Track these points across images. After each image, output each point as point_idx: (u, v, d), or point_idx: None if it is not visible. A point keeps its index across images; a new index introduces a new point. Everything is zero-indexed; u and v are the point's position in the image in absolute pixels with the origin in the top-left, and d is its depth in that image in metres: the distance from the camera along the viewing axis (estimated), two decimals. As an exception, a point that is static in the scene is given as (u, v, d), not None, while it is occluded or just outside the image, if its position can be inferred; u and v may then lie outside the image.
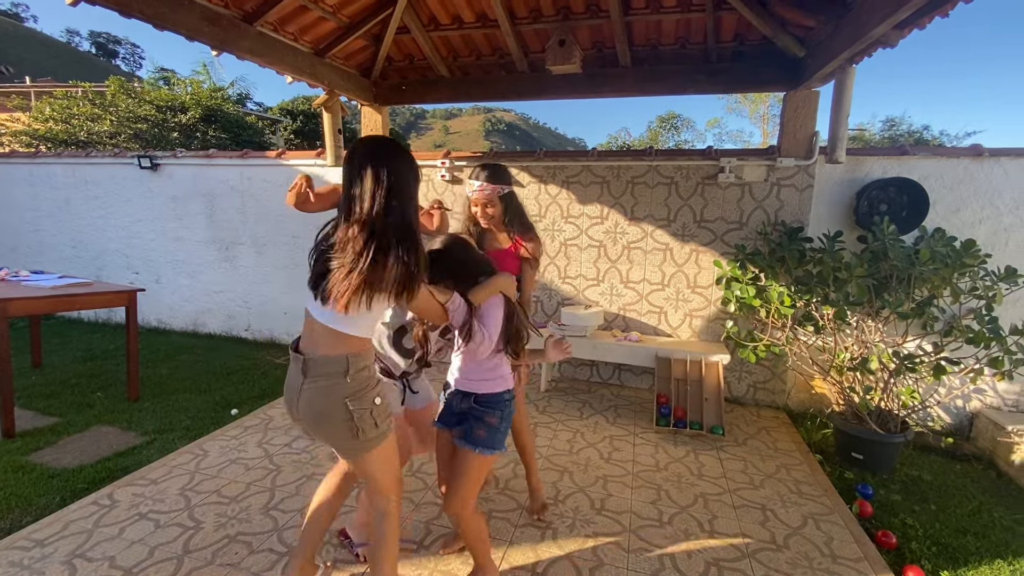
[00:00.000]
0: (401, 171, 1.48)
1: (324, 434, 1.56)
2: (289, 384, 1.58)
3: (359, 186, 1.44)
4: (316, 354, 1.50)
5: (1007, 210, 3.51)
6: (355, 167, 1.46)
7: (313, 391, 1.50)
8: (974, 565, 2.30)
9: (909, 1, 2.11)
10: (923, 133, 19.79)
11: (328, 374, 1.49)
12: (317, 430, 1.56)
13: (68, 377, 4.21)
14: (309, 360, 1.50)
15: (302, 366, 1.51)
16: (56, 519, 2.36)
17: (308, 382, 1.50)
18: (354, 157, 1.48)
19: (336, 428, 1.51)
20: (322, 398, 1.49)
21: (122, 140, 10.70)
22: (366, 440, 1.53)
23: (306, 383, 1.51)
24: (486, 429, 1.80)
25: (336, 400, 1.49)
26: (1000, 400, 3.63)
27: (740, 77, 3.88)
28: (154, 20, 2.65)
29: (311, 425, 1.55)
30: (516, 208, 2.40)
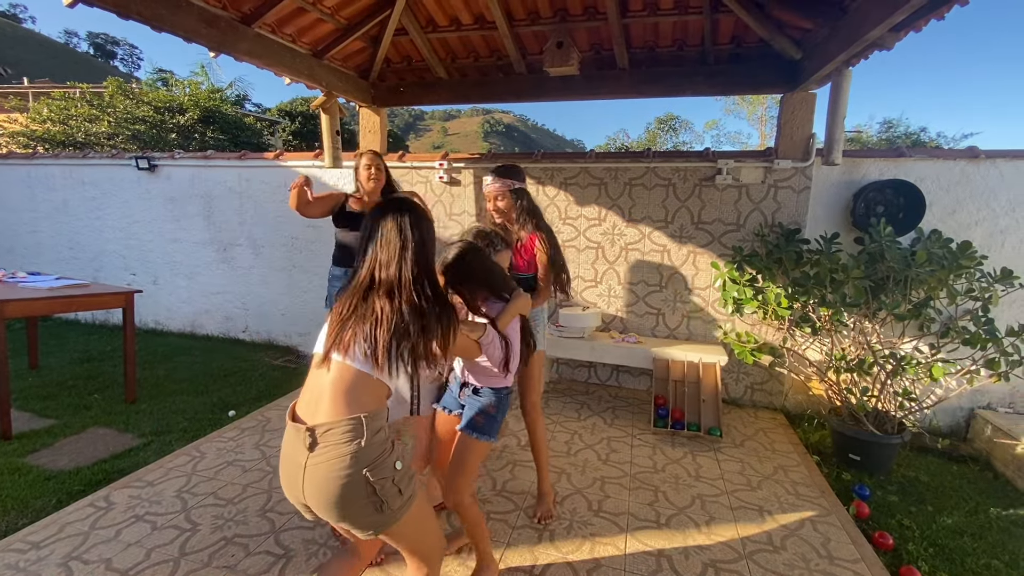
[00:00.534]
0: (426, 233, 1.44)
1: (340, 515, 1.30)
2: (288, 459, 1.36)
3: (384, 250, 1.38)
4: (322, 420, 1.30)
5: (1003, 212, 3.52)
6: (377, 229, 1.41)
7: (320, 466, 1.28)
8: (971, 566, 2.31)
9: (905, 4, 2.12)
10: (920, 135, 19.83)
11: (338, 443, 1.28)
12: (331, 511, 1.30)
13: (65, 379, 4.20)
14: (316, 428, 1.29)
15: (306, 438, 1.28)
16: (52, 521, 2.35)
17: (313, 456, 1.28)
18: (379, 219, 1.42)
19: (355, 505, 1.29)
20: (334, 472, 1.27)
21: (120, 141, 10.69)
22: (391, 512, 1.33)
23: (311, 457, 1.28)
24: (484, 417, 1.89)
25: (353, 472, 1.27)
26: (996, 401, 3.63)
27: (737, 79, 3.88)
28: (152, 21, 2.65)
29: (323, 506, 1.30)
30: (527, 204, 2.53)
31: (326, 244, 3.37)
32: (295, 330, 5.34)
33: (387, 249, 1.39)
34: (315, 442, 1.28)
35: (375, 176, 3.13)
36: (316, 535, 2.30)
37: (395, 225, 1.40)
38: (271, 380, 4.34)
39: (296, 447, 1.32)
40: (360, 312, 1.35)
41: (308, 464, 1.28)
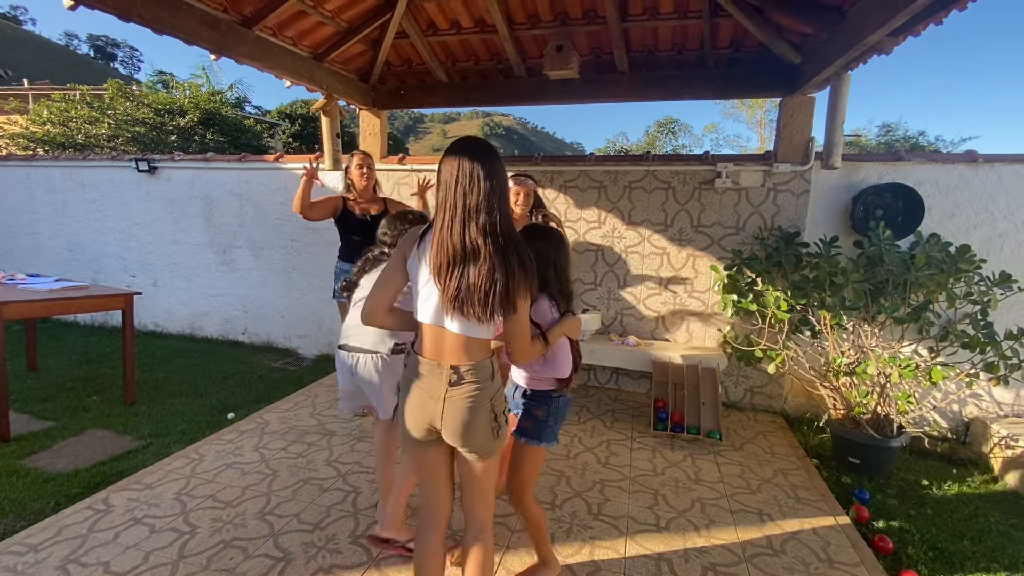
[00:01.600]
0: (502, 174, 1.49)
1: (467, 437, 1.53)
2: (428, 393, 1.52)
3: (474, 191, 1.41)
4: (462, 361, 1.50)
5: (1002, 215, 3.53)
6: (466, 170, 1.42)
7: (462, 397, 1.50)
8: (970, 570, 2.31)
9: (903, 8, 2.13)
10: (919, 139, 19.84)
11: (478, 380, 1.50)
12: (461, 434, 1.52)
13: (64, 381, 4.19)
14: (459, 367, 1.50)
15: (449, 375, 1.49)
16: (50, 524, 2.34)
17: (454, 389, 1.50)
18: (463, 160, 1.43)
19: (482, 429, 1.53)
20: (473, 402, 1.50)
21: (120, 143, 10.68)
22: (502, 439, 1.58)
23: (452, 390, 1.50)
24: (533, 421, 1.90)
25: (485, 402, 1.52)
26: (995, 405, 3.64)
27: (737, 83, 3.90)
28: (153, 24, 2.66)
29: (458, 431, 1.52)
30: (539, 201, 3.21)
31: (325, 246, 3.38)
32: (294, 332, 5.33)
33: (477, 189, 1.43)
34: (461, 378, 1.49)
35: (367, 175, 3.41)
36: (315, 538, 2.30)
37: (482, 167, 1.44)
38: (270, 383, 4.33)
39: (437, 382, 1.51)
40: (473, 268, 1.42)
41: (447, 396, 1.50)
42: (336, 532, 2.35)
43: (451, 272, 1.42)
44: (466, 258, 1.41)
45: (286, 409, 3.73)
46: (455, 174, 1.42)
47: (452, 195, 1.42)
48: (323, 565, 2.13)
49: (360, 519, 2.45)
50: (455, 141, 1.50)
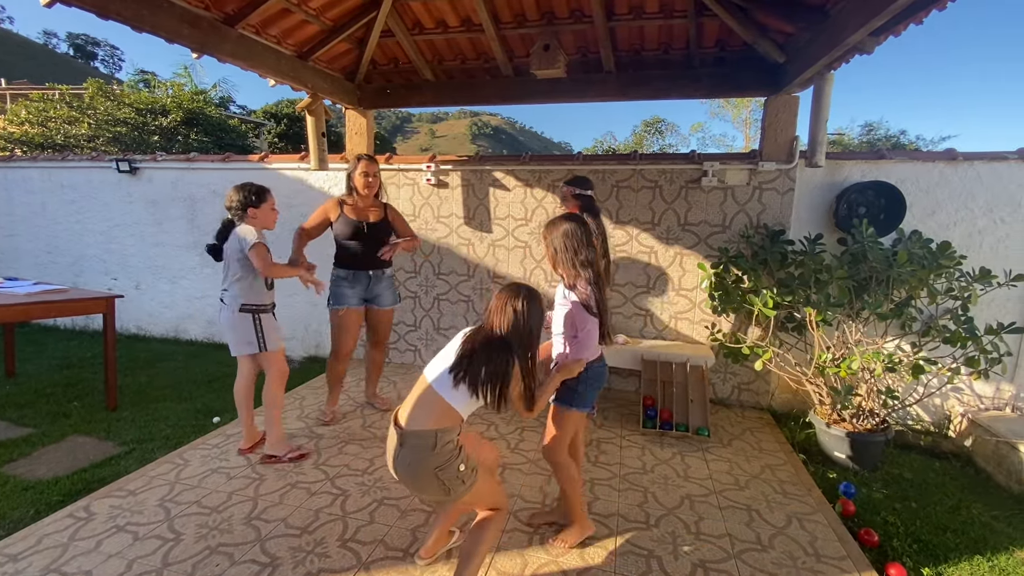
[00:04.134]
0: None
1: (418, 492, 1.84)
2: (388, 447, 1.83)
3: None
4: (411, 428, 1.74)
5: (981, 212, 3.60)
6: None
7: (407, 458, 1.75)
8: (954, 561, 2.35)
9: (884, 9, 2.16)
10: (900, 138, 20.19)
11: (419, 447, 1.73)
12: (412, 488, 1.83)
13: (43, 386, 4.10)
14: (406, 433, 1.74)
15: (399, 438, 1.75)
16: (30, 533, 2.29)
17: (402, 451, 1.75)
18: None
19: (429, 489, 1.78)
20: (416, 464, 1.74)
21: (100, 143, 10.49)
22: (457, 494, 1.80)
23: (401, 451, 1.75)
24: (567, 389, 2.15)
25: (427, 468, 1.73)
26: (977, 399, 3.71)
27: (722, 82, 3.92)
28: (132, 22, 2.60)
29: (407, 484, 1.81)
30: (590, 208, 3.25)
31: (311, 249, 3.33)
32: (281, 334, 5.26)
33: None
34: (403, 443, 1.74)
35: (371, 183, 3.30)
36: (303, 542, 2.27)
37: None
38: (257, 386, 4.26)
39: (391, 441, 1.79)
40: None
41: (398, 455, 1.76)
42: (324, 536, 2.32)
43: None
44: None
45: (273, 412, 3.68)
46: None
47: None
48: (311, 570, 2.11)
49: (349, 522, 2.43)
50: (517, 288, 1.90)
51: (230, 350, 2.94)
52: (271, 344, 2.88)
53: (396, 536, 2.34)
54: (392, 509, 2.54)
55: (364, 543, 2.28)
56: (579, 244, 2.08)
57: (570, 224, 2.11)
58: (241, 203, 2.76)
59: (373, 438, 3.34)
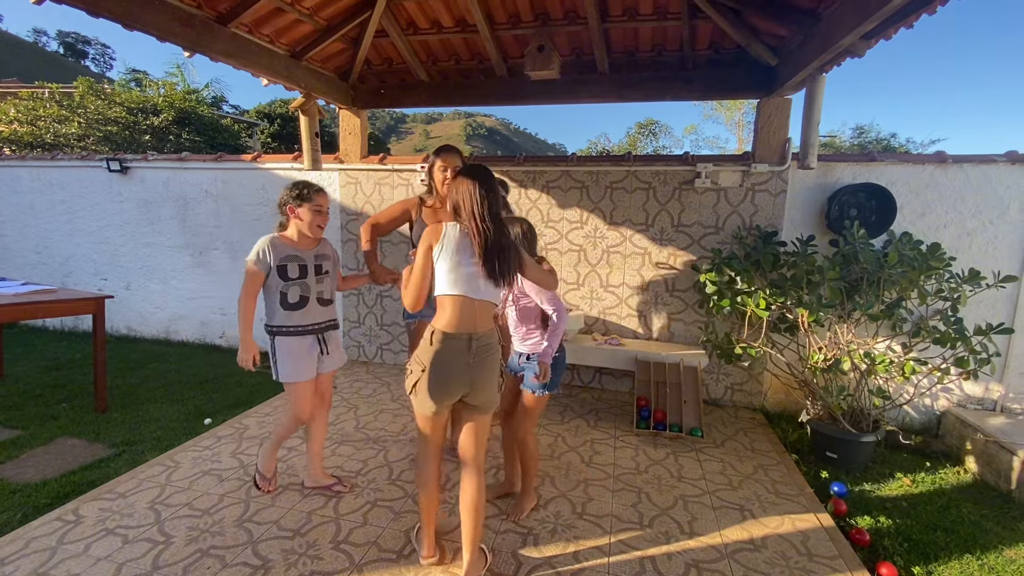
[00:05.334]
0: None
1: (483, 387, 1.96)
2: (454, 362, 1.91)
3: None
4: (479, 330, 1.93)
5: (970, 214, 3.64)
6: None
7: (490, 355, 1.96)
8: (944, 560, 2.37)
9: (875, 13, 2.18)
10: (891, 140, 20.38)
11: (490, 345, 1.96)
12: (487, 389, 1.97)
13: (32, 388, 4.05)
14: (476, 335, 1.92)
15: (467, 341, 1.90)
16: (17, 536, 2.26)
17: (484, 349, 1.93)
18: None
19: (493, 382, 1.98)
20: (495, 359, 1.98)
21: (91, 143, 10.40)
22: (501, 390, 2.07)
23: (481, 351, 1.92)
24: (537, 376, 2.34)
25: (498, 360, 2.00)
26: (966, 398, 3.75)
27: (715, 84, 3.95)
28: (123, 20, 2.58)
29: (484, 385, 1.95)
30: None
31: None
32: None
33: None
34: (486, 341, 1.94)
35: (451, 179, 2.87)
36: (295, 545, 2.25)
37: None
38: (249, 387, 4.25)
39: (461, 350, 1.91)
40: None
41: (477, 356, 1.91)
42: (317, 538, 2.31)
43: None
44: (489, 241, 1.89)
45: (265, 414, 3.66)
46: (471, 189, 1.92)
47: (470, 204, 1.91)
48: (303, 572, 2.09)
49: (341, 524, 2.41)
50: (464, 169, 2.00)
51: None
52: (283, 374, 2.47)
53: (389, 538, 2.33)
54: (385, 511, 2.53)
55: (357, 545, 2.27)
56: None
57: (522, 226, 2.36)
58: (283, 199, 2.46)
59: (366, 439, 3.32)
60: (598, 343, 4.05)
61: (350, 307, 4.88)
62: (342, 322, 4.92)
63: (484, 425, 2.05)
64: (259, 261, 2.37)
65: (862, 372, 3.19)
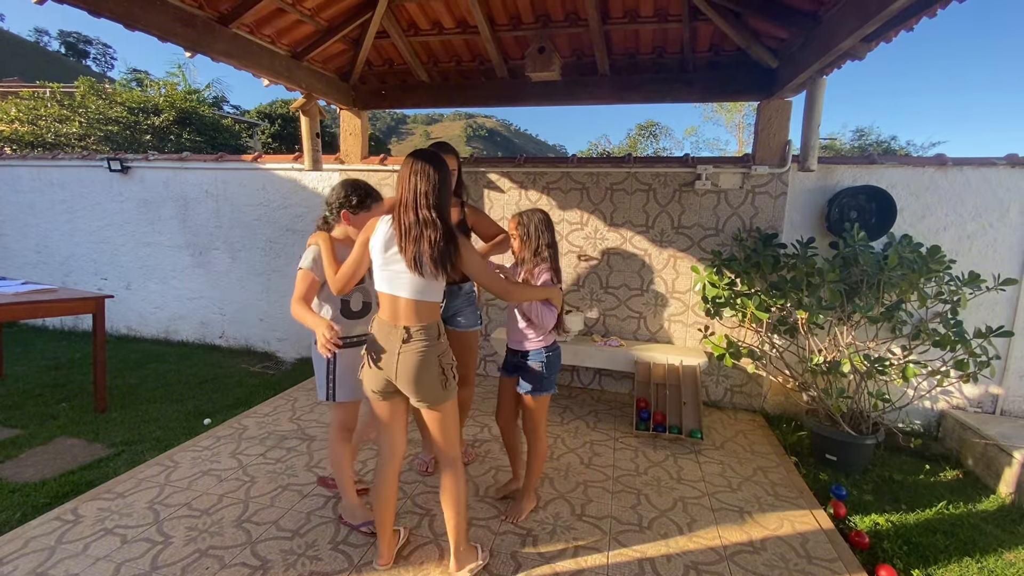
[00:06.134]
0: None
1: (418, 387, 1.88)
2: (384, 348, 1.88)
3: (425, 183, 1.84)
4: (416, 324, 1.87)
5: (970, 217, 3.64)
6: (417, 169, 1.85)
7: (413, 352, 1.86)
8: (944, 563, 2.36)
9: (875, 15, 2.18)
10: (891, 143, 20.40)
11: (429, 338, 1.87)
12: (412, 384, 1.88)
13: (31, 387, 4.05)
14: (413, 328, 1.86)
15: (403, 334, 1.85)
16: (16, 536, 2.26)
17: (406, 346, 1.85)
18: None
19: (431, 380, 1.88)
20: (423, 357, 1.86)
21: (92, 142, 10.41)
22: (449, 390, 1.93)
23: (404, 347, 1.85)
24: (534, 376, 2.33)
25: (433, 358, 1.88)
26: (966, 401, 3.74)
27: (716, 86, 3.95)
28: (124, 20, 2.58)
29: (408, 381, 1.87)
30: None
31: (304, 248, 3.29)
32: (274, 335, 5.24)
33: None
34: (409, 336, 1.85)
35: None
36: (294, 545, 2.25)
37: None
38: (248, 387, 4.25)
39: (392, 340, 1.87)
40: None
41: (401, 351, 1.85)
42: (316, 539, 2.31)
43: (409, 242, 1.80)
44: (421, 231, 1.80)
45: (265, 414, 3.66)
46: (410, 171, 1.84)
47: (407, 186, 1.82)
48: (302, 573, 2.09)
49: (341, 525, 2.41)
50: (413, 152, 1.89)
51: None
52: (341, 393, 2.29)
53: (388, 539, 2.32)
54: (384, 511, 2.53)
55: (356, 545, 2.27)
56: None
57: (541, 214, 2.36)
58: (337, 201, 2.22)
59: (365, 441, 3.31)
60: (598, 344, 4.05)
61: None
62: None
63: (439, 419, 1.96)
64: (317, 267, 2.15)
65: (862, 374, 3.19)
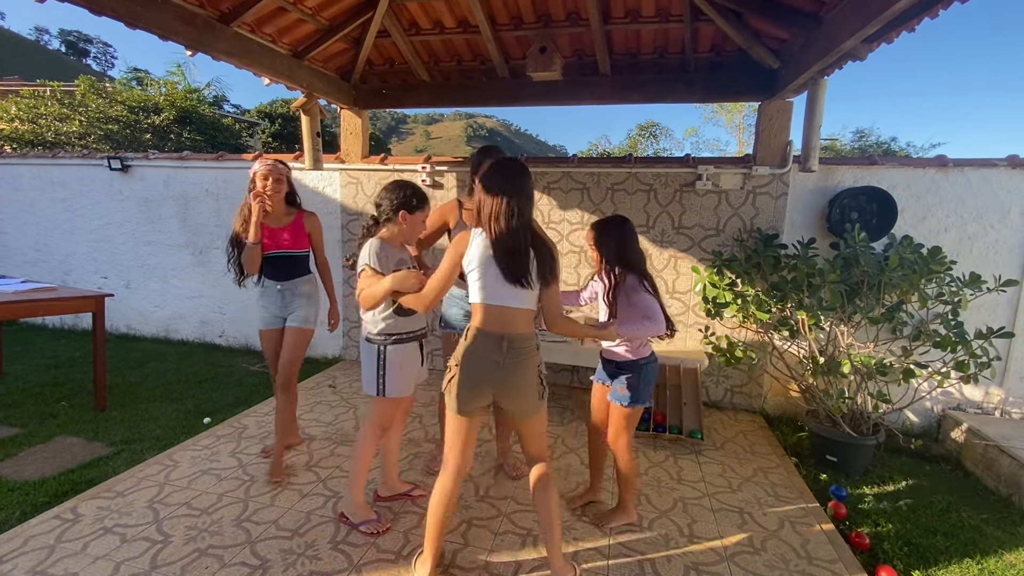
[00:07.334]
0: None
1: (521, 398, 1.89)
2: (485, 360, 1.86)
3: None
4: (516, 332, 1.86)
5: (971, 218, 3.64)
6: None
7: (517, 362, 1.86)
8: (944, 564, 2.36)
9: (877, 16, 2.18)
10: (891, 144, 20.46)
11: (527, 348, 1.87)
12: (517, 396, 1.89)
13: (31, 386, 4.05)
14: (514, 336, 1.85)
15: (507, 342, 1.84)
16: (15, 534, 2.25)
17: (511, 356, 1.85)
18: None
19: (532, 390, 1.89)
20: (526, 367, 1.87)
21: (92, 141, 10.42)
22: (544, 399, 1.95)
23: (508, 358, 1.85)
24: (627, 387, 2.29)
25: (534, 368, 1.89)
26: (966, 402, 3.74)
27: (717, 86, 3.95)
28: (126, 18, 2.58)
29: (515, 391, 1.88)
30: None
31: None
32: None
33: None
34: (512, 346, 1.85)
35: None
36: (294, 545, 2.25)
37: None
38: (248, 386, 4.24)
39: (495, 350, 1.85)
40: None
41: (505, 362, 1.85)
42: (316, 538, 2.30)
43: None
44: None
45: (264, 413, 3.65)
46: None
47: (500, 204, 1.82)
48: (302, 572, 2.09)
49: (340, 524, 2.41)
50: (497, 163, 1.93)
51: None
52: (392, 389, 2.26)
53: (388, 538, 2.32)
54: (384, 511, 2.52)
55: (356, 545, 2.27)
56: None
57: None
58: (394, 204, 2.20)
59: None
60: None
61: (350, 307, 4.88)
62: (342, 322, 4.92)
63: (533, 428, 1.97)
64: (382, 265, 2.14)
65: (862, 375, 3.19)
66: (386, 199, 2.22)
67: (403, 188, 2.22)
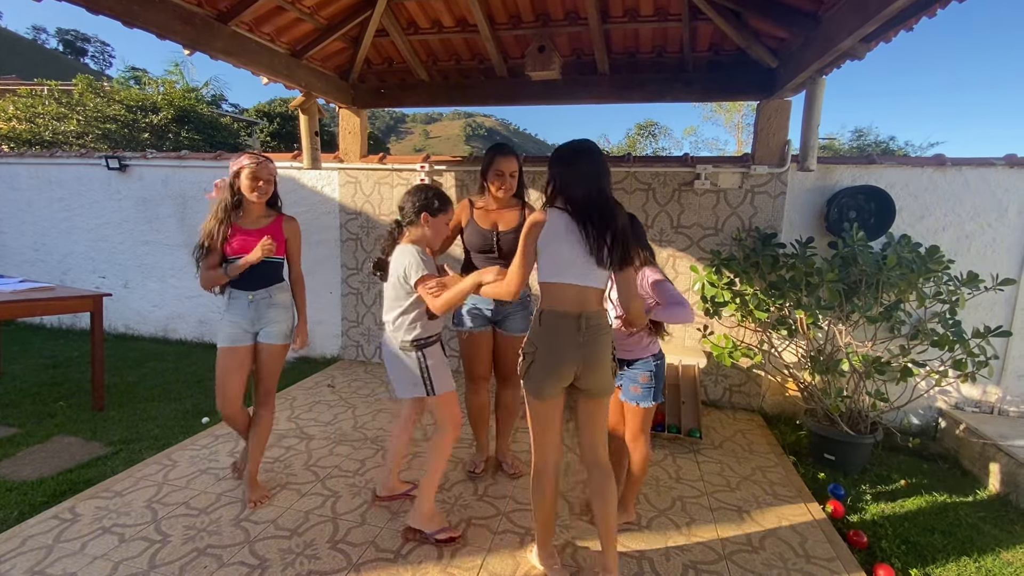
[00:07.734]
0: None
1: (602, 372, 1.89)
2: (565, 340, 1.84)
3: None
4: (589, 310, 1.85)
5: (968, 217, 3.64)
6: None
7: (595, 339, 1.85)
8: (942, 562, 2.37)
9: (875, 15, 2.18)
10: (889, 143, 20.49)
11: (601, 325, 1.88)
12: (598, 370, 1.88)
13: (28, 386, 4.04)
14: (589, 314, 1.84)
15: (583, 320, 1.83)
16: (13, 534, 2.25)
17: (588, 334, 1.84)
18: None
19: (606, 365, 1.90)
20: (604, 343, 1.88)
21: (90, 140, 10.40)
22: (614, 378, 1.97)
23: (586, 335, 1.84)
24: (639, 386, 2.27)
25: (608, 343, 1.91)
26: (964, 401, 3.75)
27: (715, 86, 3.95)
28: (123, 17, 2.58)
29: (595, 368, 1.87)
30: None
31: (306, 247, 3.29)
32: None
33: None
34: (589, 324, 1.84)
35: (507, 187, 2.59)
36: (293, 544, 2.25)
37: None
38: (248, 385, 4.23)
39: (573, 329, 1.83)
40: None
41: (584, 340, 1.84)
42: (315, 538, 2.30)
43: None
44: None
45: (263, 413, 3.65)
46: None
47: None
48: (300, 572, 2.09)
49: (339, 524, 2.41)
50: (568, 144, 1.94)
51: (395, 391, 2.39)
52: (441, 386, 2.25)
53: (387, 537, 2.32)
54: (383, 511, 2.53)
55: (355, 544, 2.27)
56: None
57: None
58: (416, 207, 2.19)
59: (364, 439, 3.32)
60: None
61: (349, 307, 4.88)
62: (340, 321, 4.92)
63: (601, 415, 1.97)
64: (430, 268, 2.16)
65: (860, 374, 3.19)
66: (408, 202, 2.22)
67: (424, 191, 2.23)
